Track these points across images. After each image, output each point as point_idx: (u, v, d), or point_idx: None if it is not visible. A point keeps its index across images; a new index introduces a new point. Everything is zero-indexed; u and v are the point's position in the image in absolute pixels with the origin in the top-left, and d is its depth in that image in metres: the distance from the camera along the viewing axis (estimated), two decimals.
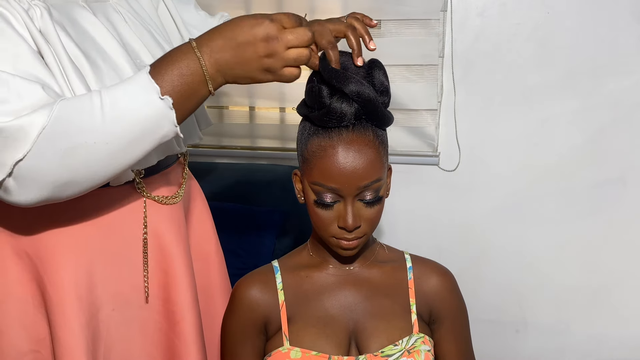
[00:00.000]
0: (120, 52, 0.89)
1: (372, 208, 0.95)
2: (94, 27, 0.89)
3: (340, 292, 1.03)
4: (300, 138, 0.98)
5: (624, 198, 1.77)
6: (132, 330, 0.95)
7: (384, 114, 0.93)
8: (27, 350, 0.88)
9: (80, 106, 0.75)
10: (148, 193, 0.95)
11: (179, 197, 1.01)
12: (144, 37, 0.97)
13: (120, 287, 0.93)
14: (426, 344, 1.01)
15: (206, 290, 1.09)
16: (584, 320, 1.88)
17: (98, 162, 0.77)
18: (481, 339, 1.32)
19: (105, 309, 0.92)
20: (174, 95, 0.77)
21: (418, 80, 1.82)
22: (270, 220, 1.78)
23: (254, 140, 2.04)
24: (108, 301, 0.92)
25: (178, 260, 0.98)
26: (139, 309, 0.95)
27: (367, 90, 0.89)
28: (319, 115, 0.91)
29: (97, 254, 0.90)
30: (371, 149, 0.92)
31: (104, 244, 0.91)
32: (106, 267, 0.91)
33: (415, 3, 1.74)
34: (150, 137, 0.78)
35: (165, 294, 0.98)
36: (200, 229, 1.12)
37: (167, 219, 0.98)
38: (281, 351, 0.98)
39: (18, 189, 0.75)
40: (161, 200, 0.97)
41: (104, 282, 0.91)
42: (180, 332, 0.97)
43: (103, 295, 0.91)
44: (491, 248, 1.89)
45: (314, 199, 0.95)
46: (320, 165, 0.92)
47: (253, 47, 0.78)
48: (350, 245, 0.96)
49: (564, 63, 1.72)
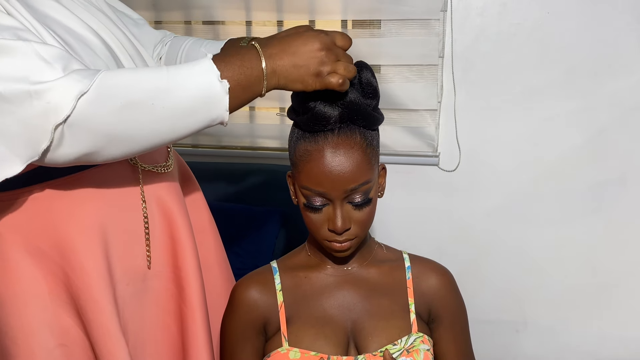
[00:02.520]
0: (85, 27, 0.92)
1: (362, 210, 0.95)
2: (55, 10, 0.90)
3: (338, 292, 1.03)
4: (289, 142, 0.99)
5: (624, 198, 1.77)
6: (146, 302, 0.97)
7: (370, 115, 0.93)
8: (54, 346, 0.89)
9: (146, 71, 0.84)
10: (141, 163, 0.97)
11: (170, 165, 1.04)
12: (101, 18, 0.98)
13: (131, 261, 0.95)
14: (425, 344, 1.01)
15: (204, 265, 1.10)
16: (584, 320, 1.88)
17: (149, 125, 0.81)
18: (481, 339, 1.32)
19: (120, 284, 0.94)
20: (232, 83, 0.83)
21: (418, 80, 1.82)
22: (270, 220, 1.78)
23: (254, 140, 2.05)
24: (122, 276, 0.94)
25: (182, 226, 1.00)
26: (151, 280, 0.98)
27: (349, 93, 0.89)
28: (305, 120, 0.92)
29: (108, 230, 0.92)
30: (358, 151, 0.91)
31: (112, 220, 0.93)
32: (117, 242, 0.93)
33: (415, 3, 1.74)
34: (202, 115, 0.83)
35: (174, 261, 1.00)
36: (194, 203, 1.13)
37: (165, 186, 1.01)
38: (280, 352, 0.98)
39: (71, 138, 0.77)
40: (155, 169, 0.99)
41: (117, 257, 0.93)
42: (187, 298, 0.99)
43: (118, 271, 0.93)
44: (491, 248, 1.89)
45: (304, 203, 0.95)
46: (307, 170, 0.92)
47: (309, 54, 0.85)
48: (342, 248, 0.96)
49: (564, 63, 1.72)
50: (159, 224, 0.99)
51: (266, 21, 1.95)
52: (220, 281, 1.15)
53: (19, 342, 0.88)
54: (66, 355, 0.90)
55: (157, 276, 0.99)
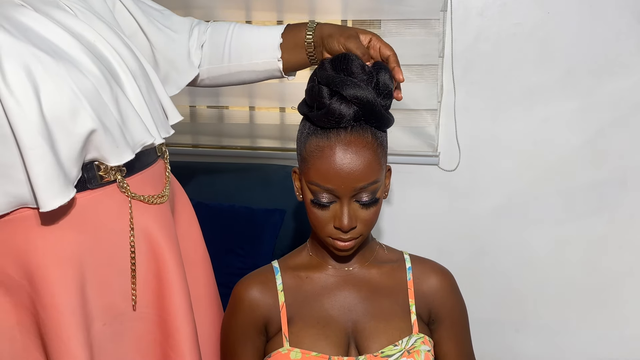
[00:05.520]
0: (73, 43, 0.85)
1: (369, 209, 0.95)
2: (37, 22, 0.84)
3: (339, 292, 1.03)
4: (299, 137, 0.98)
5: (624, 198, 1.77)
6: (125, 345, 0.90)
7: (383, 116, 0.93)
8: None
9: None
10: (133, 193, 0.90)
11: (165, 197, 0.97)
12: (98, 27, 0.91)
13: (111, 299, 0.88)
14: (426, 344, 1.01)
15: (193, 298, 1.02)
16: (584, 320, 1.88)
17: None
18: (481, 339, 1.32)
19: (96, 323, 0.86)
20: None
21: (418, 80, 1.82)
22: (270, 220, 1.78)
23: (254, 140, 2.05)
24: (99, 315, 0.86)
25: (171, 264, 0.93)
26: (132, 321, 0.90)
27: (366, 93, 0.89)
28: (318, 116, 0.92)
29: (87, 264, 0.84)
30: (369, 150, 0.92)
31: (93, 253, 0.85)
32: (96, 277, 0.86)
33: (415, 3, 1.74)
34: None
35: (159, 302, 0.92)
36: (188, 234, 1.07)
37: (156, 219, 0.93)
38: (281, 352, 0.98)
39: None
40: (147, 200, 0.93)
41: (95, 294, 0.86)
42: (176, 345, 0.92)
43: (94, 309, 0.85)
44: (491, 248, 1.89)
45: (310, 199, 0.95)
46: (317, 166, 0.92)
47: None
48: (346, 246, 0.96)
49: (564, 63, 1.72)
50: (145, 260, 0.91)
51: (266, 21, 1.95)
52: (210, 316, 1.09)
53: None
54: None
55: (140, 318, 0.91)
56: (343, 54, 0.95)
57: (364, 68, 0.93)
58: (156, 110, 0.97)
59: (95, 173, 0.85)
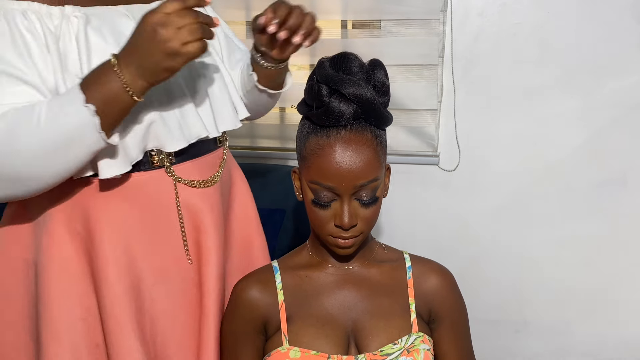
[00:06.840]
0: None
1: (369, 208, 0.95)
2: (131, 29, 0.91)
3: (339, 291, 1.03)
4: (299, 136, 0.98)
5: (624, 198, 1.77)
6: (176, 303, 1.03)
7: (382, 114, 0.94)
8: (78, 318, 0.97)
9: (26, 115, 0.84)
10: (178, 177, 1.02)
11: (212, 182, 1.07)
12: None
13: (161, 263, 1.01)
14: (425, 343, 1.01)
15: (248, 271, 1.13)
16: (584, 320, 1.88)
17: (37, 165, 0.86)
18: (481, 339, 1.32)
19: (146, 281, 1.00)
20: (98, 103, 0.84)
21: (418, 80, 1.82)
22: (270, 220, 1.77)
23: (253, 140, 2.04)
24: (149, 275, 1.00)
25: (211, 237, 1.05)
26: (181, 282, 1.03)
27: (365, 91, 0.89)
28: (318, 114, 0.92)
29: (135, 231, 0.99)
30: (369, 148, 0.92)
31: (142, 222, 1.00)
32: (146, 243, 1.00)
33: (415, 3, 1.74)
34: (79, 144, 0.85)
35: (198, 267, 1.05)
36: (242, 213, 1.20)
37: (199, 199, 1.05)
38: (280, 351, 0.98)
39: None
40: (192, 184, 1.04)
41: (145, 257, 1.00)
42: (204, 306, 1.04)
43: (145, 269, 1.00)
44: (491, 248, 1.89)
45: (311, 198, 0.95)
46: (317, 164, 0.92)
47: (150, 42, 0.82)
48: (347, 244, 0.96)
49: (564, 63, 1.72)
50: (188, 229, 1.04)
51: None
52: None
53: (49, 308, 0.96)
54: (86, 330, 0.98)
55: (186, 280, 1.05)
56: (342, 54, 0.95)
57: (362, 67, 0.94)
58: (225, 106, 1.11)
59: (149, 159, 0.99)
